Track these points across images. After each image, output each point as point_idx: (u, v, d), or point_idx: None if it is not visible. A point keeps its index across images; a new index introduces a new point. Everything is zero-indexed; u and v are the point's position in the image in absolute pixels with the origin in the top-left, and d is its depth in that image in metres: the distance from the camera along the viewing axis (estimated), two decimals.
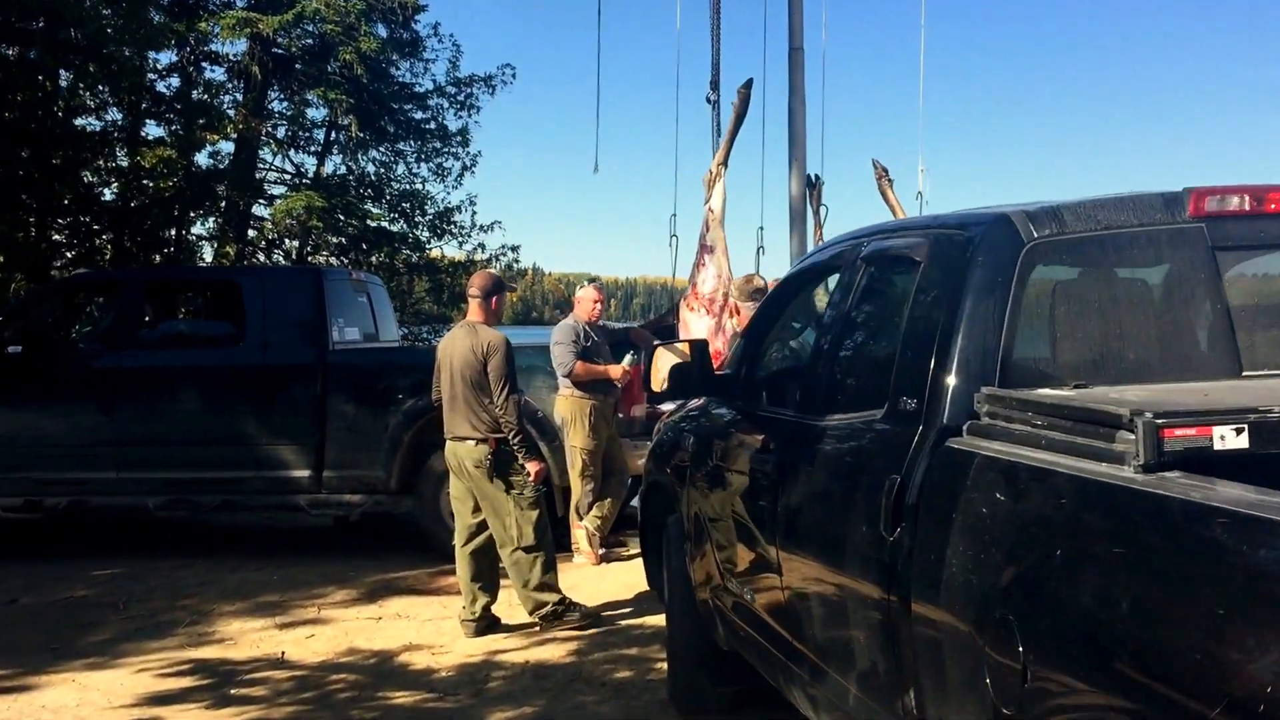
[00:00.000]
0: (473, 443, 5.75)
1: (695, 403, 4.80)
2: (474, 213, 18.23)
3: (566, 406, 7.19)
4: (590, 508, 7.23)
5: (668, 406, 8.30)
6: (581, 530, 7.25)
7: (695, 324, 7.65)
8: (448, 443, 5.88)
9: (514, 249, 18.48)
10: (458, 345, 5.82)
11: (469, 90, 18.02)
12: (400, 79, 17.84)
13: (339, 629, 6.11)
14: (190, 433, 7.76)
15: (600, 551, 7.33)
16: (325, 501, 7.79)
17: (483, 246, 18.20)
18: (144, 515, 8.00)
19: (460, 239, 18.12)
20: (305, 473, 7.73)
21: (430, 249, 17.93)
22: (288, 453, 7.77)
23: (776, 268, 11.06)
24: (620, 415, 7.45)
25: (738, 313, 5.91)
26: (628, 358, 7.21)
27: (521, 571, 5.84)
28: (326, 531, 8.59)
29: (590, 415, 7.15)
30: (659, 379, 4.05)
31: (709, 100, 8.73)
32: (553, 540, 6.01)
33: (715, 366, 4.36)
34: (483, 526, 5.91)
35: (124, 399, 7.81)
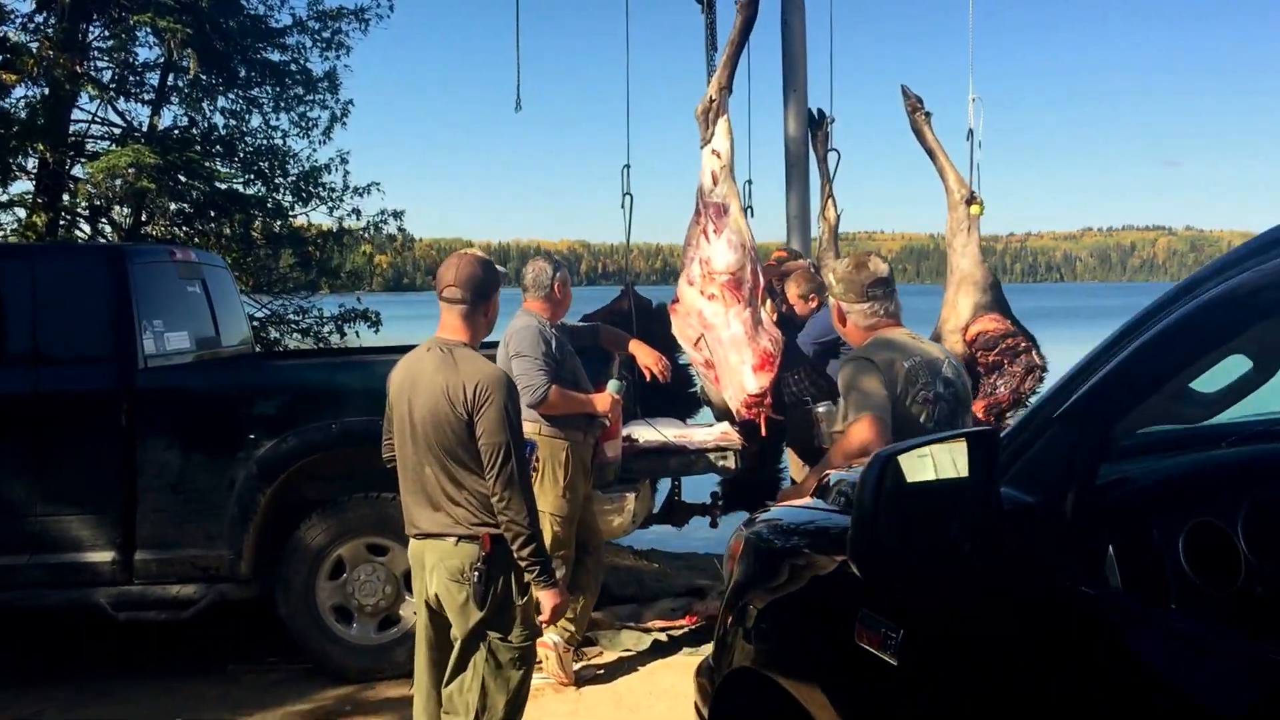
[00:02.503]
0: (452, 540, 3.34)
1: (840, 475, 2.44)
2: (346, 172, 15.22)
3: None
4: None
5: (650, 435, 5.91)
6: (550, 649, 4.73)
7: (716, 317, 5.11)
8: (411, 542, 3.50)
9: (397, 215, 15.51)
10: (424, 382, 3.34)
11: (336, 26, 15.02)
12: (251, 11, 14.71)
13: None
14: None
15: (575, 668, 4.89)
16: (139, 597, 5.11)
17: (357, 213, 15.22)
18: None
19: (330, 203, 15.12)
20: (106, 555, 5.07)
21: (294, 216, 14.92)
22: (78, 526, 5.09)
23: (771, 232, 8.64)
24: (595, 459, 4.97)
25: (844, 322, 3.45)
26: (612, 383, 4.76)
27: None
28: (148, 633, 5.77)
29: (566, 463, 4.68)
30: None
31: (699, 1, 6.30)
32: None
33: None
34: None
35: None
